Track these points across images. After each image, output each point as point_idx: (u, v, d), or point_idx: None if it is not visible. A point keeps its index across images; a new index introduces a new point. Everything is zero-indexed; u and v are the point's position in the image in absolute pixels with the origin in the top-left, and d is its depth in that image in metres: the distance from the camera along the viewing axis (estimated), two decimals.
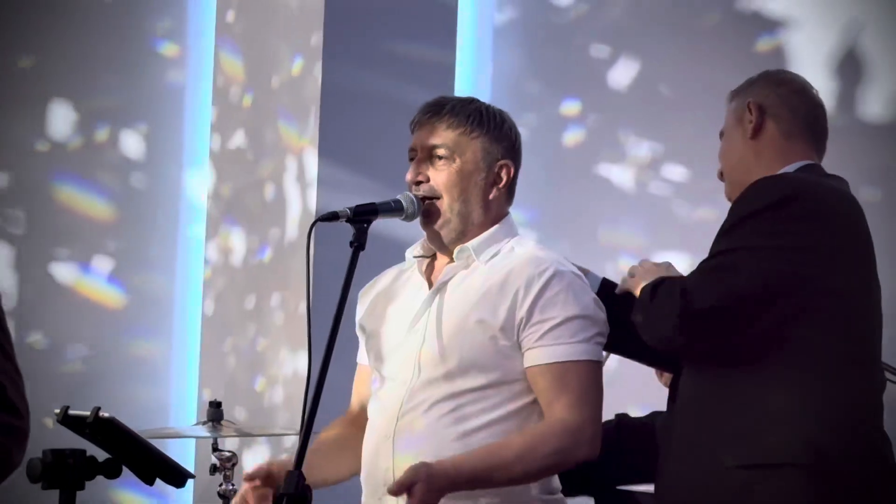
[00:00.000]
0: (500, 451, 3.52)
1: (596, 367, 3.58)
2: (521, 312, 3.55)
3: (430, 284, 3.68)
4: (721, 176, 3.75)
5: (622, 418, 4.81)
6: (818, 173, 3.59)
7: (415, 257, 3.74)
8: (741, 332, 3.40)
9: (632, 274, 3.64)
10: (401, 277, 3.77)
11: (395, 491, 3.40)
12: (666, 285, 3.46)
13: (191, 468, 4.77)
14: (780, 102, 3.66)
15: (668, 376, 4.02)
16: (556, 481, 3.68)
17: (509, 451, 3.51)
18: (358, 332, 3.78)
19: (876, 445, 3.51)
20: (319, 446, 3.80)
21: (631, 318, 3.53)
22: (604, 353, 3.65)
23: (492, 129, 3.68)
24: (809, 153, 3.62)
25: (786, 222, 3.40)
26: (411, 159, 3.69)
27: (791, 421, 3.40)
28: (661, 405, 4.95)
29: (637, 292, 3.55)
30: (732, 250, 3.43)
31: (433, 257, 3.72)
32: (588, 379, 3.56)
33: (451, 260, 3.67)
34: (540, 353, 3.54)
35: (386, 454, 3.62)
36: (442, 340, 3.60)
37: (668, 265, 3.61)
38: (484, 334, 3.56)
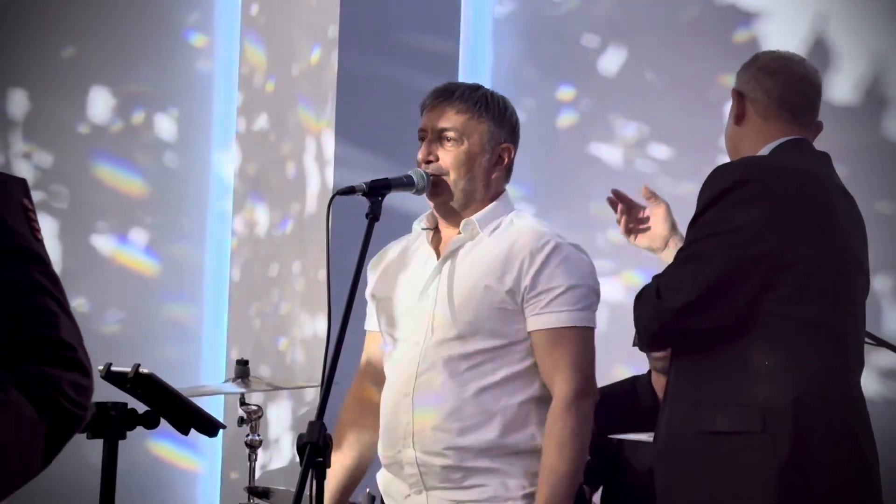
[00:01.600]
0: (552, 478, 3.53)
1: (588, 332, 3.61)
2: (526, 280, 3.56)
3: (438, 254, 3.68)
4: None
5: (602, 391, 4.85)
6: (796, 148, 3.54)
7: (422, 229, 3.74)
8: (714, 317, 3.38)
9: None
10: (409, 248, 3.77)
11: None
12: (646, 291, 3.47)
13: (220, 420, 4.78)
14: (755, 86, 3.60)
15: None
16: None
17: (556, 470, 3.53)
18: (369, 299, 3.78)
19: (836, 410, 3.46)
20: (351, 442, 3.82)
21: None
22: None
23: (496, 114, 3.68)
24: (788, 130, 3.55)
25: (739, 206, 3.38)
26: (421, 139, 3.69)
27: (747, 391, 3.38)
28: (647, 367, 4.97)
29: None
30: (696, 241, 3.43)
31: (437, 230, 3.73)
32: (581, 343, 3.58)
33: (458, 232, 3.67)
34: (541, 319, 3.56)
35: (406, 410, 3.61)
36: (453, 304, 3.60)
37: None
38: (492, 299, 3.57)
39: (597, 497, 4.65)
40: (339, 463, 3.73)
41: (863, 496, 3.47)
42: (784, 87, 3.61)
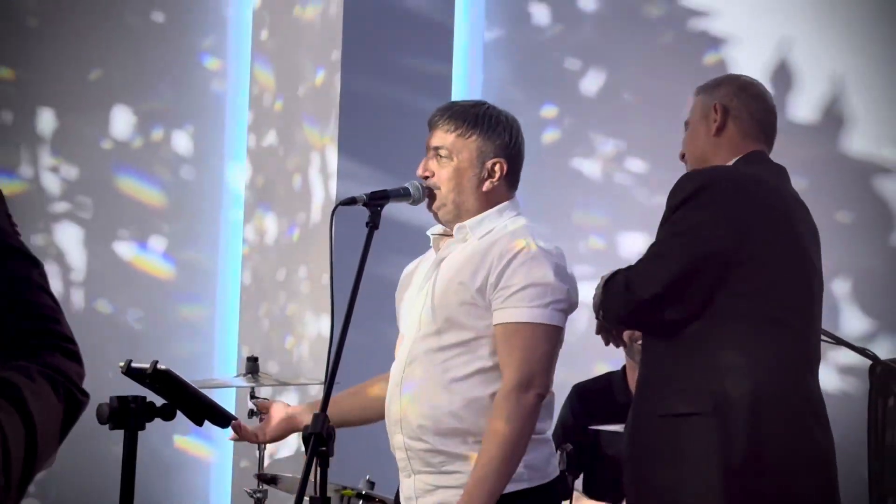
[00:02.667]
0: (482, 472, 3.46)
1: (546, 328, 3.51)
2: (492, 278, 3.52)
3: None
4: (683, 158, 3.73)
5: (580, 386, 4.83)
6: (758, 160, 3.58)
7: (433, 235, 3.74)
8: (678, 309, 3.42)
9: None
10: (427, 256, 3.78)
11: None
12: (613, 282, 3.53)
13: (232, 413, 4.77)
14: (741, 106, 3.63)
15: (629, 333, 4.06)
16: (542, 423, 3.66)
17: (484, 461, 3.48)
18: (397, 302, 3.79)
19: (792, 400, 3.46)
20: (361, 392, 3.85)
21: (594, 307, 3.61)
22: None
23: (485, 130, 3.66)
24: (758, 148, 3.61)
25: (700, 208, 3.43)
26: (428, 152, 3.70)
27: (706, 378, 3.42)
28: (622, 363, 4.97)
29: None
30: (662, 240, 3.49)
31: (444, 235, 3.73)
32: (533, 339, 3.50)
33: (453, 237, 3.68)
34: (499, 314, 3.52)
35: (396, 398, 3.62)
36: (434, 301, 3.60)
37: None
38: (463, 295, 3.55)
39: (578, 483, 4.65)
40: (353, 391, 3.77)
41: (823, 487, 3.48)
42: (764, 113, 3.67)
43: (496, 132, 3.67)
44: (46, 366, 1.82)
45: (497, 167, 3.67)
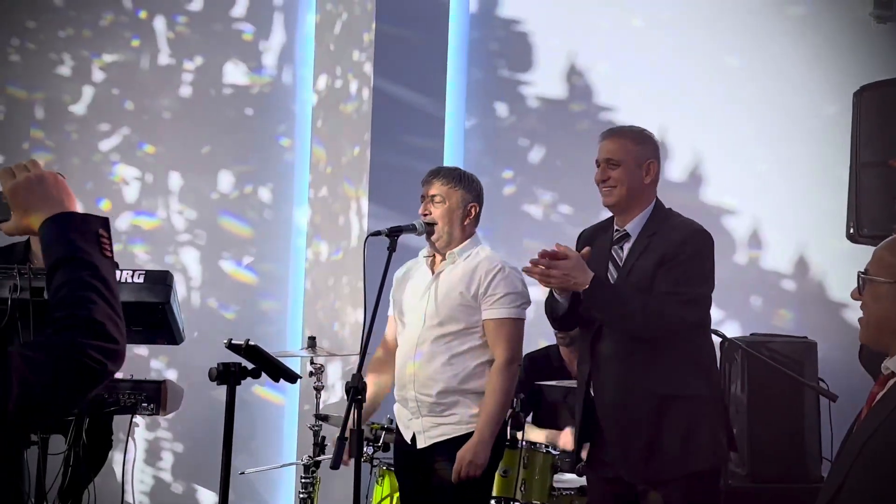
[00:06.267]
0: (485, 416, 3.48)
1: (518, 321, 3.58)
2: (482, 289, 3.56)
3: (433, 272, 3.68)
4: (604, 183, 3.34)
5: (530, 354, 4.80)
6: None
7: (424, 256, 3.74)
8: None
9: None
10: (414, 267, 3.77)
11: (455, 479, 3.39)
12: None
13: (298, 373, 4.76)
14: (658, 165, 3.38)
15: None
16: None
17: (488, 410, 3.49)
18: (391, 298, 3.78)
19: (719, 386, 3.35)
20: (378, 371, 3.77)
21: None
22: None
23: (465, 185, 3.69)
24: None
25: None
26: (422, 200, 3.69)
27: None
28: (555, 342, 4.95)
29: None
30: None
31: (434, 257, 3.72)
32: (512, 328, 3.57)
33: (444, 259, 3.67)
34: (489, 312, 3.56)
35: (409, 363, 3.62)
36: (437, 303, 3.60)
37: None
38: (461, 299, 3.57)
39: (529, 419, 4.64)
40: (372, 382, 3.70)
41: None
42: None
43: (472, 186, 3.70)
44: (59, 340, 1.63)
45: (473, 209, 3.69)
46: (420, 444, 3.58)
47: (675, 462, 3.15)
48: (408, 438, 3.62)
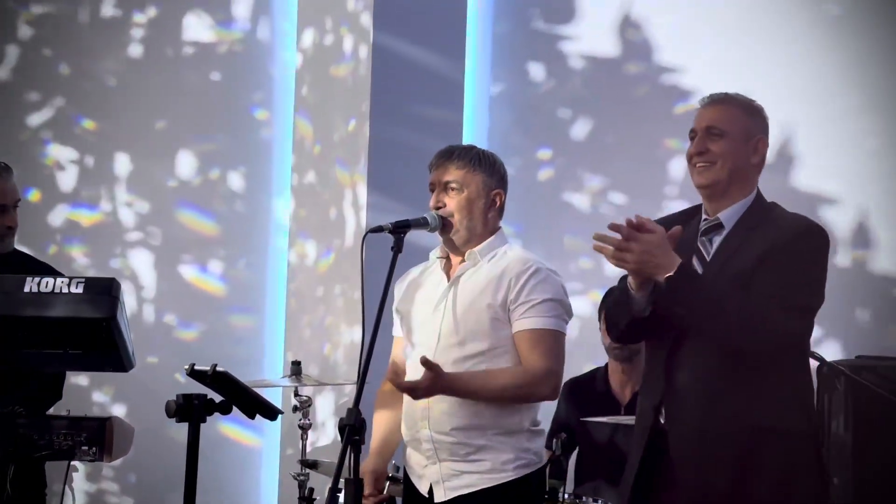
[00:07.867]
0: (483, 376, 3.52)
1: (559, 335, 3.58)
2: (512, 294, 3.56)
3: (448, 277, 3.69)
4: (700, 156, 3.26)
5: (572, 381, 4.79)
6: None
7: (437, 258, 3.75)
8: None
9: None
10: (426, 272, 3.77)
11: (418, 383, 3.44)
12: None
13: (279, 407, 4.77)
14: (767, 145, 3.32)
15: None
16: (537, 416, 3.67)
17: (488, 378, 3.52)
18: (394, 313, 3.78)
19: None
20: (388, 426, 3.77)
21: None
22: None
23: (487, 167, 3.69)
24: None
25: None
26: (431, 190, 3.70)
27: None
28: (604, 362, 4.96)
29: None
30: None
31: (448, 258, 3.73)
32: (552, 342, 3.56)
33: (463, 260, 3.68)
34: (524, 322, 3.55)
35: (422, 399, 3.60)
36: (457, 316, 3.60)
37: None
38: (488, 312, 3.57)
39: (572, 461, 4.65)
40: (382, 422, 3.73)
41: None
42: None
43: (495, 168, 3.70)
44: None
45: (498, 197, 3.69)
46: (438, 498, 3.57)
47: None
48: (423, 491, 3.61)
